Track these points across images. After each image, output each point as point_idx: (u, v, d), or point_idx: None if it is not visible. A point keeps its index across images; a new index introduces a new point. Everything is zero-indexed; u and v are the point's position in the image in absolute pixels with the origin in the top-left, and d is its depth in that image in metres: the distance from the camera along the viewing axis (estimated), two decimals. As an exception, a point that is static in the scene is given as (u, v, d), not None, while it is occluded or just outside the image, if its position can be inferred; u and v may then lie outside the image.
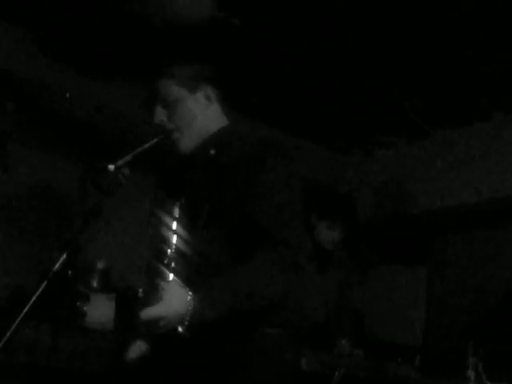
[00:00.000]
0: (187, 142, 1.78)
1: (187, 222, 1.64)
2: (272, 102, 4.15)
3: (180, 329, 1.43)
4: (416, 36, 3.25)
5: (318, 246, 3.35)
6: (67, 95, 3.64)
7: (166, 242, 1.50)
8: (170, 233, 1.52)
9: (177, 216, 1.55)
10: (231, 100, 1.92)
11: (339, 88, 3.92)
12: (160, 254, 1.54)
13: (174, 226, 1.54)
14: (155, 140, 1.76)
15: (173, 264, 1.52)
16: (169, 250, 1.51)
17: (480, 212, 4.41)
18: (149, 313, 1.42)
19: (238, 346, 1.59)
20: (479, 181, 4.16)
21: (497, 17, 3.01)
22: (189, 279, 1.50)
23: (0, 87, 3.54)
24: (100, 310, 2.99)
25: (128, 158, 1.70)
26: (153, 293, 1.45)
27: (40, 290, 1.44)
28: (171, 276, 1.50)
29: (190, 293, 1.44)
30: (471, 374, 2.45)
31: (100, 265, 3.75)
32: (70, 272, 1.51)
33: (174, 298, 1.43)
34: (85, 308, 2.73)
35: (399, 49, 3.39)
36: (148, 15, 2.94)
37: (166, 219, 1.56)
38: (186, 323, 1.42)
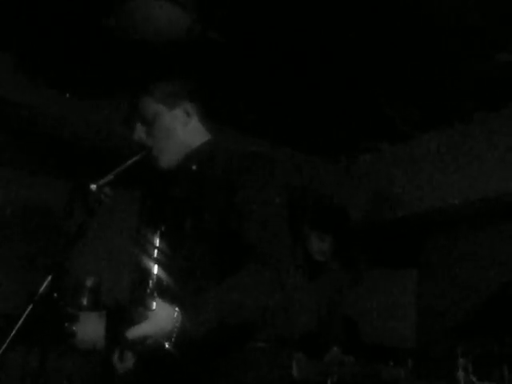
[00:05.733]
0: (167, 158, 1.78)
1: (171, 238, 1.65)
2: (255, 113, 4.17)
3: (167, 345, 1.42)
4: (397, 40, 3.27)
5: (309, 257, 3.35)
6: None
7: (151, 258, 1.50)
8: (155, 250, 1.52)
9: (161, 233, 1.55)
10: (212, 114, 1.92)
11: (322, 97, 3.95)
12: (146, 271, 1.54)
13: (158, 242, 1.54)
14: (136, 158, 1.77)
15: (159, 281, 1.52)
16: (154, 267, 1.51)
17: (466, 213, 4.44)
18: (136, 331, 1.42)
19: (226, 362, 1.58)
20: (464, 182, 4.18)
21: (477, 20, 3.05)
22: (175, 296, 1.50)
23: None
24: (90, 329, 2.97)
25: (109, 176, 1.70)
26: (140, 310, 1.44)
27: (25, 313, 1.43)
28: (157, 293, 1.49)
29: (177, 309, 1.44)
30: (461, 374, 2.47)
31: (89, 283, 3.72)
32: (55, 294, 1.50)
33: (161, 314, 1.42)
34: (74, 328, 2.71)
35: (380, 53, 3.42)
36: (125, 31, 2.94)
37: (151, 236, 1.56)
38: (173, 340, 1.41)
